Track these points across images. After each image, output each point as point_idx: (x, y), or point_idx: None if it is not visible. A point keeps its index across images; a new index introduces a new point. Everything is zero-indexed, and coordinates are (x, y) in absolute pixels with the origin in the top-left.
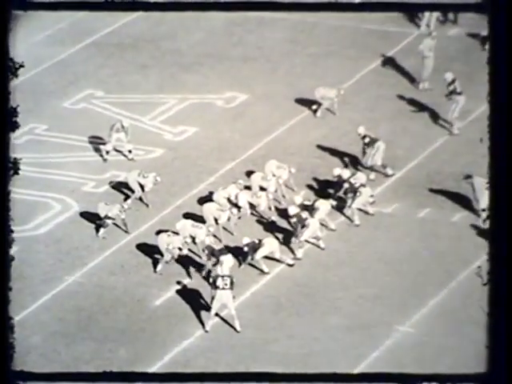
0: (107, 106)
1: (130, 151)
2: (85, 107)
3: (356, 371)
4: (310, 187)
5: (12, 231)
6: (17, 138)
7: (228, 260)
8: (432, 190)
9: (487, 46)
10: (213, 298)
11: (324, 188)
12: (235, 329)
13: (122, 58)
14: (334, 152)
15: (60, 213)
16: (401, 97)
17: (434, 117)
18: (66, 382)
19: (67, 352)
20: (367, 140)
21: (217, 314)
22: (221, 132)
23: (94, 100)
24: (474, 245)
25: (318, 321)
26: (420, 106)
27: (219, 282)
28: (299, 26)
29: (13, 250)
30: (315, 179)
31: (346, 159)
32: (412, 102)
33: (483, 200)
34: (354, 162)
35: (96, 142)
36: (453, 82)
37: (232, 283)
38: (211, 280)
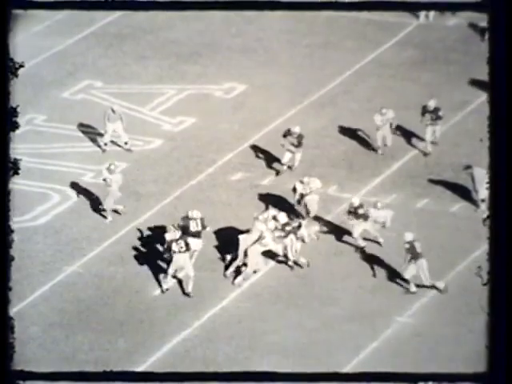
0: (106, 96)
1: (126, 143)
2: (84, 98)
3: (355, 362)
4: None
5: (12, 231)
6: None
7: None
8: (431, 181)
9: (486, 37)
10: (169, 263)
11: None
12: (184, 291)
13: (120, 49)
14: (332, 143)
15: (59, 203)
16: (399, 87)
17: None
18: (65, 381)
19: (66, 343)
20: (302, 140)
21: (174, 277)
22: (219, 122)
23: (92, 90)
24: (473, 235)
25: (317, 311)
26: (419, 98)
27: (174, 247)
28: (298, 17)
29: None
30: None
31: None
32: (410, 93)
33: (482, 190)
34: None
35: (94, 133)
36: (435, 110)
37: (187, 245)
38: (165, 246)
